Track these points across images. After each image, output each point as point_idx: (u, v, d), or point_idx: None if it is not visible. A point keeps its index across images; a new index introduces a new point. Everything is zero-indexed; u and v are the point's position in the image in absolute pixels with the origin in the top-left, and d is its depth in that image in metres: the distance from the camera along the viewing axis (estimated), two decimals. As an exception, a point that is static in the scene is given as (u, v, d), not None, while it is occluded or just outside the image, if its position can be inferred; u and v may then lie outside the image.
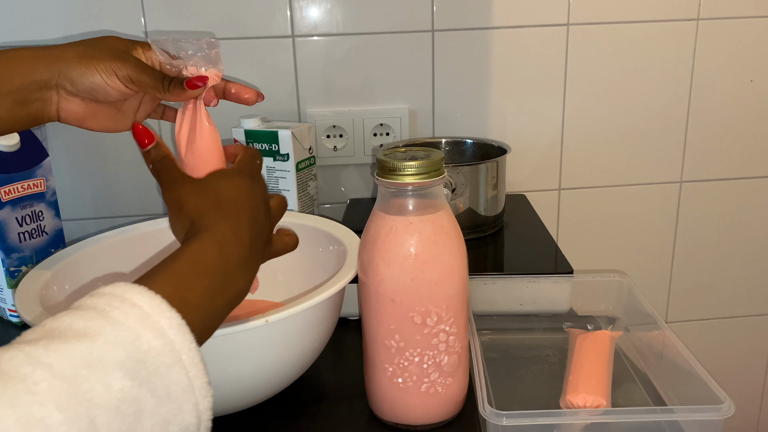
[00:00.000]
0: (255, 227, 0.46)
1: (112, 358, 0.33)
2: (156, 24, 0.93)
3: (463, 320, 0.55)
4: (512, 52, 0.98)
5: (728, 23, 0.99)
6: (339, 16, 0.95)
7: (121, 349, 0.34)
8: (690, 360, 0.57)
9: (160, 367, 0.35)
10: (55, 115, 0.51)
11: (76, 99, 0.50)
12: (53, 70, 0.48)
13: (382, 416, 0.57)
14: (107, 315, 0.35)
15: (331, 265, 0.64)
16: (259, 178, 0.51)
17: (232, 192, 0.47)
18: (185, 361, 0.36)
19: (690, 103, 1.03)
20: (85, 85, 0.49)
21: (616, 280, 0.73)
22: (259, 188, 0.49)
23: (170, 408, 0.35)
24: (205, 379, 0.37)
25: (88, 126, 0.52)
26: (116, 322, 0.34)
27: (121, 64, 0.49)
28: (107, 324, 0.34)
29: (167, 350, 0.35)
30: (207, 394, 0.37)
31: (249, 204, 0.47)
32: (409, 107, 0.99)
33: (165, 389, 0.35)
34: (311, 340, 0.56)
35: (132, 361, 0.34)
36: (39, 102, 0.49)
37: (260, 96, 0.55)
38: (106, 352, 0.33)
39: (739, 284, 1.14)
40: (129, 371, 0.33)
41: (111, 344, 0.34)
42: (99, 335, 0.34)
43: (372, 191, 1.03)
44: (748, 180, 1.08)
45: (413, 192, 0.52)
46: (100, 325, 0.34)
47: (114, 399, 0.32)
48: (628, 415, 0.54)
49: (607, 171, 1.05)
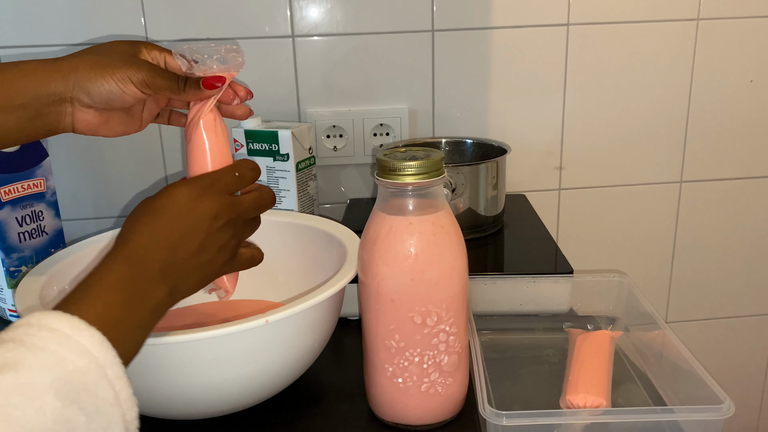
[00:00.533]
0: (183, 237, 0.46)
1: (39, 382, 0.34)
2: (156, 24, 0.93)
3: (463, 320, 0.55)
4: (512, 52, 0.98)
5: (728, 23, 0.99)
6: (339, 16, 0.95)
7: (47, 372, 0.34)
8: (690, 360, 0.57)
9: (87, 385, 0.35)
10: (70, 126, 0.51)
11: (90, 110, 0.50)
12: (67, 83, 0.48)
13: (382, 416, 0.57)
14: (26, 343, 0.35)
15: (331, 265, 0.64)
16: (220, 192, 0.49)
17: (163, 201, 0.47)
18: (110, 376, 0.37)
19: (690, 103, 1.03)
20: (102, 95, 0.49)
21: (616, 280, 0.73)
22: (209, 200, 0.48)
23: (100, 423, 0.36)
24: (129, 390, 0.38)
25: (102, 133, 0.53)
26: (37, 348, 0.35)
27: (134, 70, 0.49)
28: (28, 351, 0.35)
29: (92, 367, 0.36)
30: (133, 405, 0.38)
31: (176, 212, 0.46)
32: (409, 107, 0.99)
33: (94, 405, 0.35)
34: (311, 340, 0.56)
35: (60, 382, 0.34)
36: (53, 115, 0.49)
37: (249, 110, 0.56)
38: (33, 377, 0.34)
39: (739, 284, 1.14)
40: (58, 392, 0.34)
41: (36, 369, 0.34)
42: (22, 363, 0.34)
43: (372, 191, 1.03)
44: (748, 180, 1.08)
45: (413, 192, 0.52)
46: (21, 353, 0.34)
47: (48, 421, 0.33)
48: (628, 415, 0.54)
49: (607, 171, 1.05)
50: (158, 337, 0.48)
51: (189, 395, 0.52)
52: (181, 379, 0.51)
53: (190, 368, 0.50)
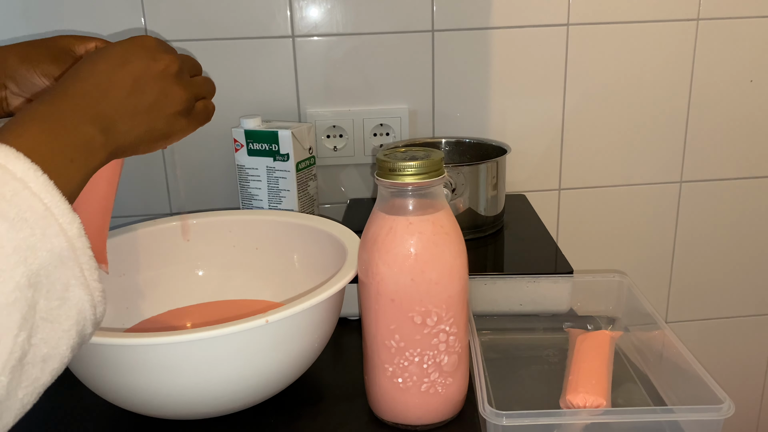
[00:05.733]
0: (114, 75, 0.46)
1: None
2: (156, 24, 0.93)
3: (463, 320, 0.55)
4: (512, 52, 0.98)
5: (728, 23, 0.99)
6: (339, 16, 0.95)
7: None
8: (690, 360, 0.57)
9: (5, 194, 0.34)
10: (8, 110, 0.53)
11: (21, 97, 0.52)
12: (0, 71, 0.50)
13: (382, 416, 0.57)
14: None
15: (331, 265, 0.64)
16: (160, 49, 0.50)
17: (101, 50, 0.48)
18: (34, 188, 0.35)
19: (690, 103, 1.03)
20: (27, 87, 0.51)
21: (616, 280, 0.73)
22: (146, 49, 0.48)
23: (30, 233, 0.35)
24: (66, 205, 0.37)
25: None
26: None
27: (57, 67, 0.50)
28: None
29: (8, 178, 0.35)
30: (72, 221, 0.37)
31: (110, 55, 0.47)
32: (409, 107, 0.99)
33: (17, 215, 0.34)
34: (311, 340, 0.56)
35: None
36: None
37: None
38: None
39: (739, 284, 1.14)
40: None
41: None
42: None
43: (372, 191, 1.03)
44: (748, 180, 1.08)
45: (413, 192, 0.52)
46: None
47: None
48: (628, 415, 0.54)
49: (607, 171, 1.05)
50: (158, 336, 0.48)
51: (189, 395, 0.52)
52: (181, 379, 0.51)
53: (189, 368, 0.50)
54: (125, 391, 0.52)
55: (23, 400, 0.35)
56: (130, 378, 0.51)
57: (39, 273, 0.35)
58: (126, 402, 0.54)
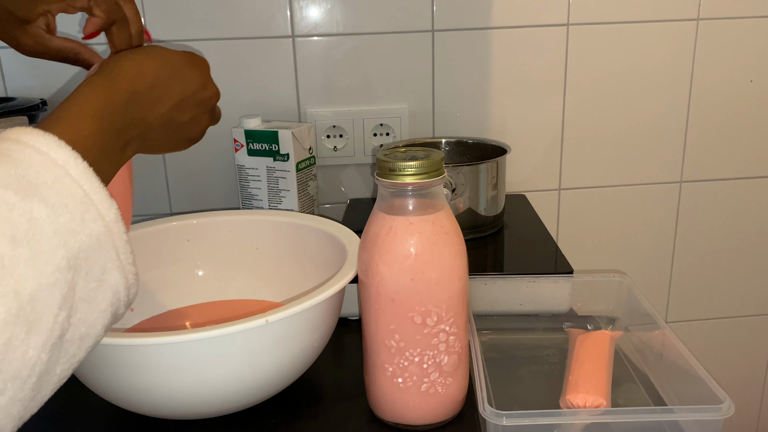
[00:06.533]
0: (169, 87, 0.49)
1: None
2: (156, 24, 0.93)
3: (463, 320, 0.55)
4: (512, 52, 0.98)
5: (728, 23, 0.99)
6: (339, 16, 0.95)
7: (4, 173, 0.34)
8: (690, 360, 0.57)
9: (47, 180, 0.35)
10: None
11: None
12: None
13: (382, 416, 0.57)
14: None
15: (331, 265, 0.64)
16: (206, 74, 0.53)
17: (160, 50, 0.50)
18: (74, 175, 0.36)
19: (690, 103, 1.03)
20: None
21: (616, 280, 0.73)
22: (200, 70, 0.52)
23: (71, 218, 0.36)
24: (104, 192, 0.38)
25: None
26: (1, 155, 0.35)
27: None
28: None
29: (50, 165, 0.36)
30: (110, 206, 0.38)
31: (170, 63, 0.49)
32: (409, 107, 0.99)
33: (59, 200, 0.35)
34: (311, 340, 0.56)
35: (10, 178, 0.34)
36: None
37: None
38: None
39: (739, 284, 1.14)
40: (9, 186, 0.34)
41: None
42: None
43: (372, 191, 1.03)
44: (748, 180, 1.08)
45: (413, 192, 0.52)
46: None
47: (4, 212, 0.33)
48: (628, 415, 0.54)
49: (607, 171, 1.06)
50: (158, 336, 0.48)
51: (189, 395, 0.52)
52: (181, 379, 0.51)
53: (189, 368, 0.50)
54: (125, 391, 0.52)
55: (60, 374, 0.36)
56: (130, 378, 0.51)
57: (78, 256, 0.36)
58: (126, 402, 0.54)
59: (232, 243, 0.73)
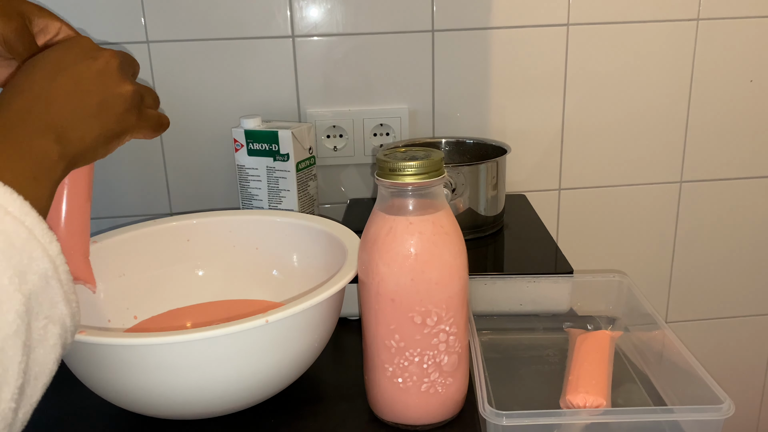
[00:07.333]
0: (59, 77, 0.45)
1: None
2: (156, 24, 0.93)
3: (463, 320, 0.55)
4: (512, 52, 0.98)
5: (728, 23, 0.99)
6: (339, 16, 0.95)
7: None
8: (690, 360, 0.57)
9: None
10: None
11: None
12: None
13: (382, 416, 0.57)
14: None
15: (331, 265, 0.64)
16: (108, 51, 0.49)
17: (46, 52, 0.47)
18: (14, 213, 0.35)
19: (690, 103, 1.03)
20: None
21: (616, 280, 0.73)
22: (87, 50, 0.48)
23: (20, 259, 0.34)
24: (44, 225, 0.36)
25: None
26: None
27: (4, 25, 0.48)
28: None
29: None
30: (52, 239, 0.37)
31: (54, 56, 0.46)
32: (409, 107, 0.99)
33: (6, 242, 0.34)
34: (311, 340, 0.56)
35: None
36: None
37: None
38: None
39: (739, 284, 1.14)
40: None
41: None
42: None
43: (372, 191, 1.03)
44: (748, 180, 1.08)
45: (413, 192, 0.52)
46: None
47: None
48: (628, 415, 0.54)
49: (607, 171, 1.05)
50: (158, 336, 0.48)
51: (189, 395, 0.52)
52: (181, 379, 0.51)
53: (189, 368, 0.50)
54: (125, 391, 0.52)
55: (22, 418, 0.36)
56: (130, 378, 0.51)
57: (30, 297, 0.35)
58: (126, 402, 0.54)
59: (232, 243, 0.73)
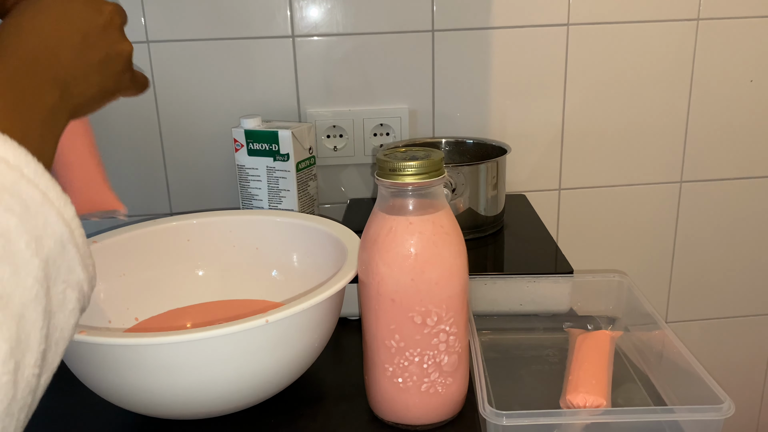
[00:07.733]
0: (67, 30, 0.44)
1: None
2: (156, 24, 0.93)
3: (463, 320, 0.55)
4: (512, 52, 0.98)
5: (728, 23, 0.99)
6: (339, 16, 0.95)
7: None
8: (690, 360, 0.57)
9: (5, 185, 0.33)
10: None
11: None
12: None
13: (382, 416, 0.57)
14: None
15: (331, 265, 0.64)
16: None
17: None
18: (28, 175, 0.34)
19: (690, 103, 1.03)
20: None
21: (616, 280, 0.73)
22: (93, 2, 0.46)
23: (36, 223, 0.33)
24: (58, 188, 0.35)
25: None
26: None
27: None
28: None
29: (3, 168, 0.33)
30: (66, 202, 0.36)
31: (60, 6, 0.44)
32: (409, 107, 0.99)
33: (21, 206, 0.33)
34: (311, 340, 0.56)
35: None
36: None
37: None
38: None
39: (739, 284, 1.14)
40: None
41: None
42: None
43: (372, 191, 1.03)
44: (748, 180, 1.08)
45: (413, 192, 0.52)
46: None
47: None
48: (628, 415, 0.54)
49: (607, 171, 1.06)
50: (158, 336, 0.48)
51: (189, 395, 0.52)
52: (181, 379, 0.51)
53: (189, 368, 0.50)
54: (125, 391, 0.52)
55: (44, 385, 0.35)
56: (130, 378, 0.51)
57: (48, 262, 0.34)
58: (126, 402, 0.54)
59: (232, 243, 0.73)
